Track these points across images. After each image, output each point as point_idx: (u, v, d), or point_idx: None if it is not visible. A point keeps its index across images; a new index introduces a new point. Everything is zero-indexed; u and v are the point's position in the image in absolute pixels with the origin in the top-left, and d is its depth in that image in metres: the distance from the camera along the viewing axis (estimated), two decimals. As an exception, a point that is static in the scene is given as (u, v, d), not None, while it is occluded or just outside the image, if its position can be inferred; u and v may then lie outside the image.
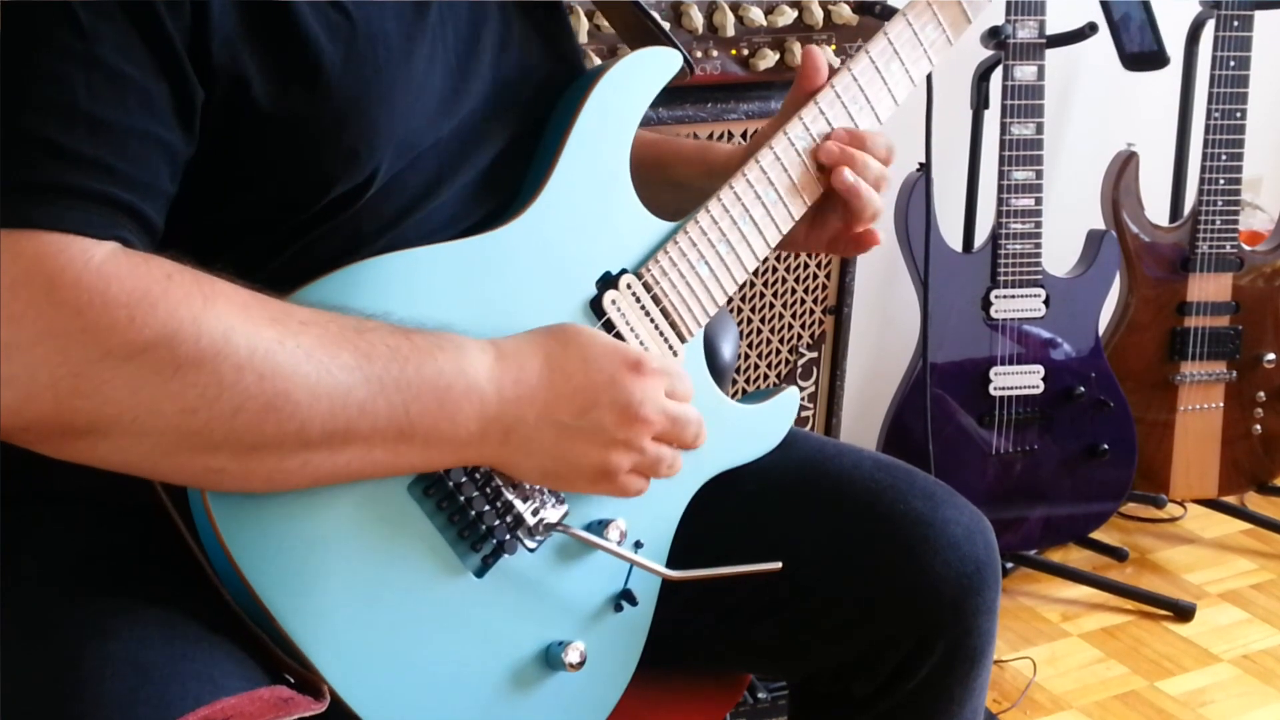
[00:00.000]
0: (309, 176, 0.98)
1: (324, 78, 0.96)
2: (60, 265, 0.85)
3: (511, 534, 1.05)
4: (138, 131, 0.89)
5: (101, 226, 0.87)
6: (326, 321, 0.94)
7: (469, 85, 1.08)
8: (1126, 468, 2.50)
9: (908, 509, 1.21)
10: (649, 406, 1.04)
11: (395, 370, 0.94)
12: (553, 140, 1.12)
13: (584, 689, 1.13)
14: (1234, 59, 2.47)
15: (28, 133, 0.86)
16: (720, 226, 1.18)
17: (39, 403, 0.85)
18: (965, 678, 1.24)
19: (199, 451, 0.89)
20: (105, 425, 0.87)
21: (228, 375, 0.88)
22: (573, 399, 1.01)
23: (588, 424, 1.02)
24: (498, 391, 0.99)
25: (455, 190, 1.07)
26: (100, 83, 0.88)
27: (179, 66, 0.91)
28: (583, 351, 1.03)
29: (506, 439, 1.00)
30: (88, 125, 0.87)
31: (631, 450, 1.04)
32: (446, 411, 0.97)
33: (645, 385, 1.04)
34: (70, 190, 0.86)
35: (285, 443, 0.91)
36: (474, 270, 1.05)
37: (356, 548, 0.98)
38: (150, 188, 0.91)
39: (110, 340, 0.85)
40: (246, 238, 0.99)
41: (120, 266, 0.86)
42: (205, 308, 0.88)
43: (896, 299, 2.66)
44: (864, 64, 1.26)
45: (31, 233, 0.85)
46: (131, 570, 0.97)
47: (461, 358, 0.98)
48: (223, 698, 0.89)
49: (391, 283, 1.00)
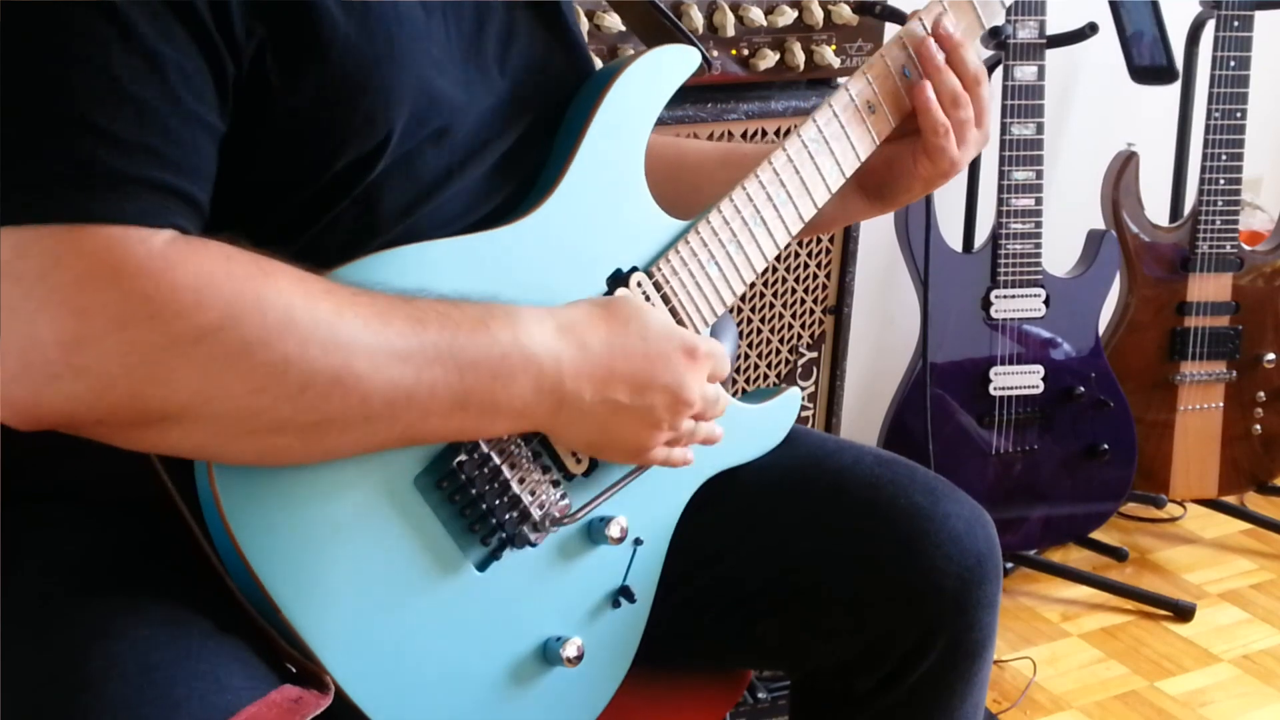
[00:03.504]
0: (320, 143, 0.97)
1: (336, 45, 0.95)
2: (123, 256, 0.85)
3: (518, 529, 1.06)
4: (181, 112, 0.89)
5: (157, 214, 0.87)
6: (375, 294, 0.94)
7: (485, 74, 1.08)
8: (1126, 468, 2.50)
9: (908, 503, 1.22)
10: (695, 391, 1.07)
11: (448, 337, 0.95)
12: (570, 135, 1.12)
13: (579, 685, 1.13)
14: (1234, 59, 2.47)
15: (74, 121, 0.86)
16: (732, 227, 1.18)
17: (113, 393, 0.85)
18: (967, 672, 1.24)
19: (266, 431, 0.90)
20: (178, 411, 0.87)
21: (294, 350, 0.88)
22: (630, 379, 1.03)
23: (641, 404, 1.04)
24: (556, 364, 1.00)
25: (470, 179, 1.07)
26: (140, 65, 0.87)
27: (212, 43, 0.91)
28: (642, 330, 1.04)
29: (559, 410, 1.01)
30: (133, 109, 0.87)
31: (671, 430, 1.07)
32: (501, 381, 0.97)
33: (697, 371, 1.07)
34: (124, 179, 0.86)
35: (349, 415, 0.91)
36: (487, 263, 1.05)
37: (361, 538, 0.98)
38: (197, 169, 0.91)
39: (178, 326, 0.85)
40: (261, 214, 0.99)
41: (181, 252, 0.87)
42: (266, 285, 0.88)
43: (896, 299, 2.66)
44: (881, 67, 1.25)
45: (92, 227, 0.85)
46: (136, 568, 0.97)
47: (516, 327, 0.98)
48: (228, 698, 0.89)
49: (406, 273, 0.99)
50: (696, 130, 1.87)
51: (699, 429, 1.12)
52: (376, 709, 0.98)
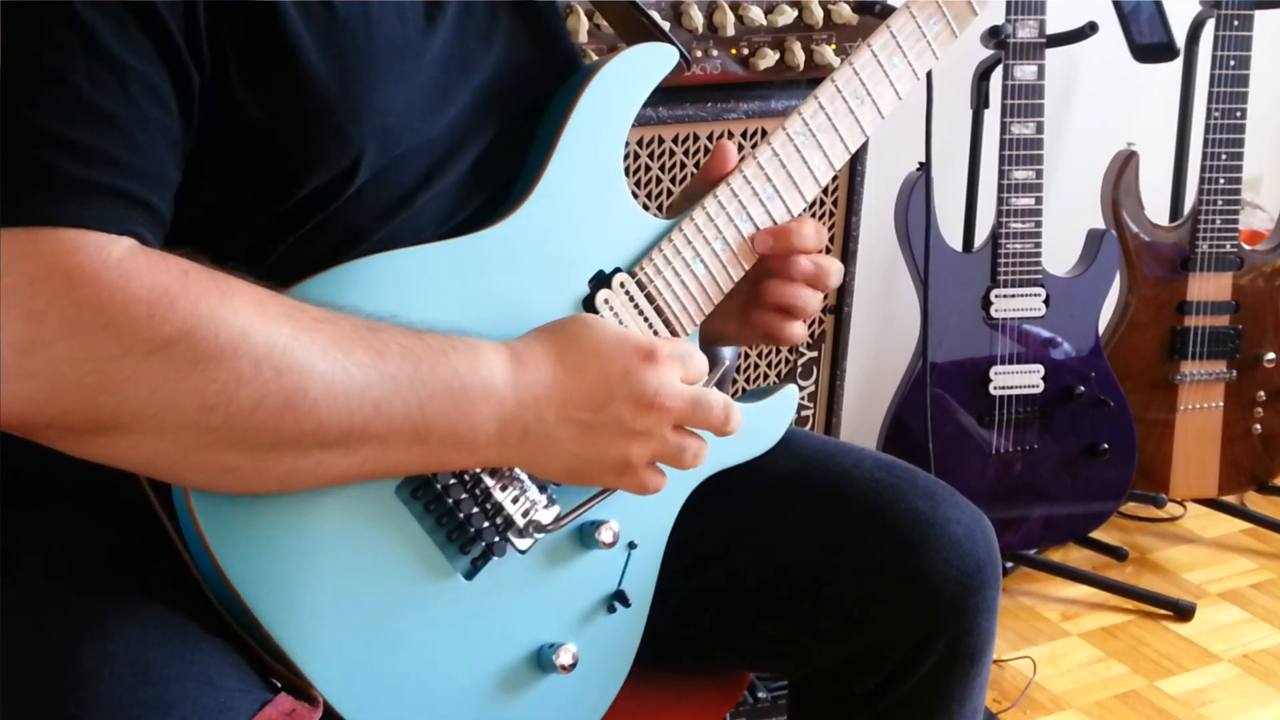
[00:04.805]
0: (287, 164, 0.98)
1: (302, 64, 0.96)
2: (79, 262, 0.85)
3: (501, 536, 1.05)
4: (142, 120, 0.89)
5: (116, 221, 0.87)
6: (339, 319, 0.94)
7: (461, 79, 1.08)
8: (1126, 467, 2.50)
9: (908, 508, 1.21)
10: (665, 394, 1.03)
11: (409, 369, 0.94)
12: (546, 137, 1.11)
13: (577, 691, 1.12)
14: (1234, 58, 2.46)
15: (35, 128, 0.86)
16: (717, 224, 1.17)
17: (62, 399, 0.85)
18: (965, 676, 1.24)
19: (217, 449, 0.89)
20: (126, 421, 0.87)
21: (246, 370, 0.88)
22: (589, 395, 1.01)
23: (606, 418, 1.01)
24: (515, 392, 0.99)
25: (448, 184, 1.07)
26: (102, 73, 0.88)
27: (176, 53, 0.91)
28: (595, 346, 1.02)
29: (525, 440, 1.00)
30: (93, 117, 0.87)
31: (652, 440, 1.04)
32: (463, 412, 0.97)
33: (660, 373, 1.03)
34: (83, 185, 0.86)
35: (302, 440, 0.91)
36: (466, 269, 1.04)
37: (344, 551, 0.97)
38: (158, 177, 0.91)
39: (131, 337, 0.85)
40: (229, 233, 0.99)
41: (139, 263, 0.87)
42: (223, 303, 0.88)
43: (896, 298, 2.66)
44: (865, 57, 1.24)
45: (49, 230, 0.85)
46: (130, 570, 0.97)
47: (476, 359, 0.98)
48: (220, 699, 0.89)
49: (383, 282, 0.99)
50: (696, 130, 1.87)
51: (693, 443, 1.06)
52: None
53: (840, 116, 1.23)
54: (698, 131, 1.87)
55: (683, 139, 1.87)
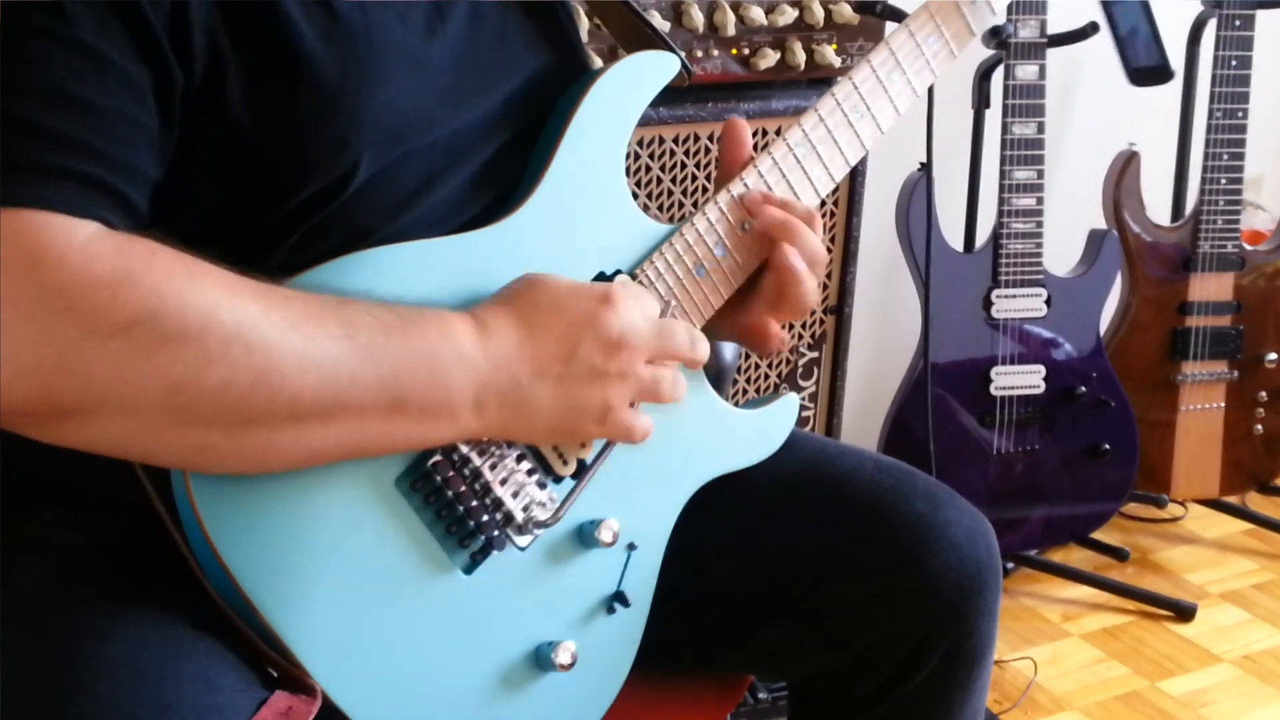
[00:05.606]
0: (287, 168, 0.98)
1: (302, 66, 0.96)
2: (41, 244, 0.84)
3: (501, 531, 1.05)
4: (116, 113, 0.89)
5: (82, 206, 0.87)
6: (308, 296, 0.93)
7: (469, 80, 1.08)
8: (1128, 467, 2.50)
9: (909, 510, 1.21)
10: (629, 332, 1.03)
11: (381, 339, 0.94)
12: (548, 142, 1.11)
13: (576, 690, 1.12)
14: (1235, 58, 2.46)
15: (7, 113, 0.86)
16: (718, 229, 1.18)
17: (26, 383, 0.85)
18: (965, 679, 1.24)
19: (188, 428, 0.89)
20: (92, 405, 0.86)
21: (214, 349, 0.87)
22: (557, 348, 1.01)
23: (578, 367, 1.02)
24: (486, 357, 0.98)
25: (454, 184, 1.07)
26: (81, 64, 0.88)
27: (159, 50, 0.91)
28: (552, 300, 1.02)
29: (504, 404, 1.00)
30: (68, 105, 0.87)
31: (627, 379, 1.04)
32: (438, 381, 0.96)
33: (620, 313, 1.03)
34: (51, 169, 0.86)
35: (276, 415, 0.90)
36: (464, 267, 1.04)
37: (343, 540, 0.98)
38: (131, 169, 0.91)
39: (94, 320, 0.85)
40: (227, 234, 0.99)
41: (103, 246, 0.86)
42: (189, 283, 0.88)
43: (897, 299, 2.66)
44: (866, 73, 1.26)
45: (11, 211, 0.84)
46: (127, 570, 0.97)
47: (445, 327, 0.98)
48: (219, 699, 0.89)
49: (378, 277, 0.99)
50: (696, 130, 1.87)
51: (667, 374, 1.07)
52: (361, 713, 0.98)
53: (840, 129, 1.24)
54: (698, 131, 1.87)
55: (683, 139, 1.87)
